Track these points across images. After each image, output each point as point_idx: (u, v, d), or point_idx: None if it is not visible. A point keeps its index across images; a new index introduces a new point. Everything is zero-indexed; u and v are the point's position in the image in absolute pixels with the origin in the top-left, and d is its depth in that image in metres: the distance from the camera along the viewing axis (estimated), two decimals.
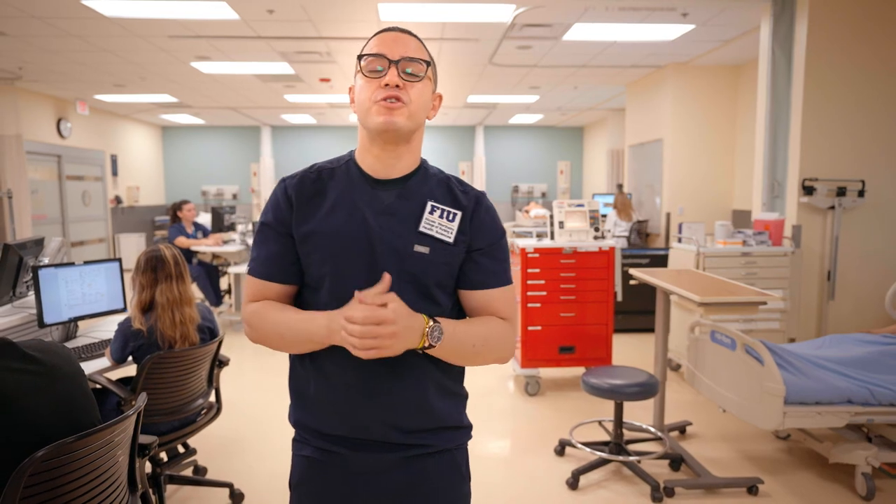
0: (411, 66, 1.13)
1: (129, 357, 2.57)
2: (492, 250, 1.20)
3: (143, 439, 1.80)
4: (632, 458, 3.04)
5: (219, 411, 2.87)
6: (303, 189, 1.19)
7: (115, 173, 10.96)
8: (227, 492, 2.87)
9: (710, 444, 3.43)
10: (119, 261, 3.12)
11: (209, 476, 3.07)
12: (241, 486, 2.90)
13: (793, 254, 4.37)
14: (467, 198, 1.20)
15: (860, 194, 4.40)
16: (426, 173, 1.22)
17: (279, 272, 1.18)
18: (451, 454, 1.22)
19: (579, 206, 4.39)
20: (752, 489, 2.85)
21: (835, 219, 4.39)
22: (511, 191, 13.22)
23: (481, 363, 1.19)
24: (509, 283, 1.22)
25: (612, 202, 7.72)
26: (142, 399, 1.71)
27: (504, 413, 3.99)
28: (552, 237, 4.34)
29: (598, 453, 3.09)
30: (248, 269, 1.21)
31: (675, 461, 3.12)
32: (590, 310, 4.29)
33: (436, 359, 1.18)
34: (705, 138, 7.02)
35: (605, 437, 3.32)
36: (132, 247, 10.69)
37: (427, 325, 1.07)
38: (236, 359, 4.92)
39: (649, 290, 3.61)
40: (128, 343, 2.52)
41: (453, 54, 6.65)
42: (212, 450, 3.37)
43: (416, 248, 1.14)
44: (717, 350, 3.13)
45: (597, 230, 4.33)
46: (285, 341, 1.15)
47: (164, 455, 2.78)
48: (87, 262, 2.94)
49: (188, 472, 3.05)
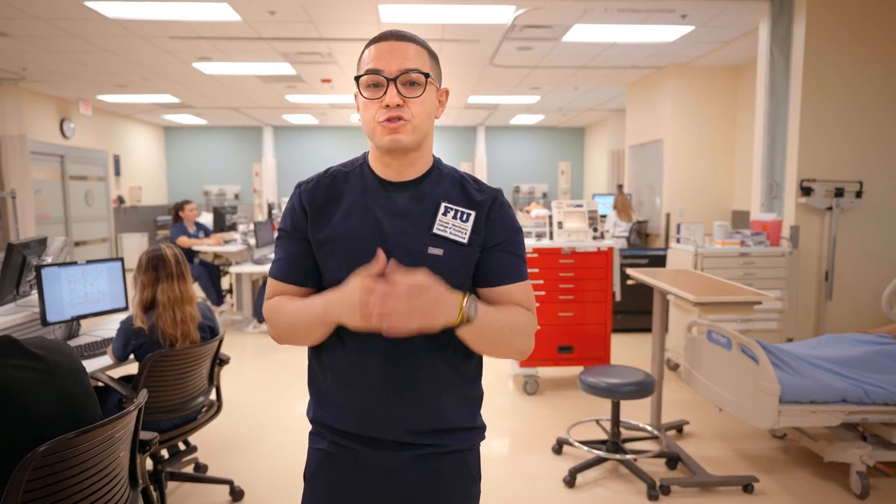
0: (411, 78, 1.11)
1: (131, 355, 2.61)
2: (508, 246, 1.20)
3: (144, 435, 1.82)
4: (628, 457, 3.07)
5: (219, 409, 2.90)
6: (317, 195, 1.20)
7: (117, 173, 11.01)
8: (227, 489, 2.89)
9: (706, 442, 3.46)
10: (121, 260, 3.15)
11: (210, 473, 3.10)
12: (242, 483, 2.93)
13: (790, 254, 4.39)
14: (482, 196, 1.20)
15: (858, 195, 4.42)
16: (440, 174, 1.22)
17: (296, 275, 1.21)
18: (463, 454, 1.23)
19: (578, 206, 4.41)
20: (748, 487, 2.88)
21: (833, 219, 4.41)
22: (512, 191, 13.24)
23: (507, 352, 1.17)
24: (526, 277, 1.22)
25: (612, 203, 7.74)
26: (142, 396, 1.74)
27: (503, 412, 4.02)
28: (551, 237, 4.37)
29: (595, 452, 3.12)
30: (270, 272, 1.24)
31: (672, 459, 3.14)
32: (588, 310, 4.31)
33: (450, 358, 1.18)
34: (705, 139, 7.04)
35: (603, 436, 3.35)
36: (134, 246, 10.74)
37: (465, 297, 1.06)
38: (237, 358, 4.96)
39: (648, 291, 3.64)
40: (129, 341, 2.55)
41: (454, 55, 6.68)
42: (212, 447, 3.40)
43: (430, 251, 1.14)
44: (713, 349, 3.15)
45: (595, 230, 4.36)
46: (296, 331, 1.18)
47: (165, 452, 2.82)
48: (89, 262, 2.97)
49: (189, 470, 3.08)
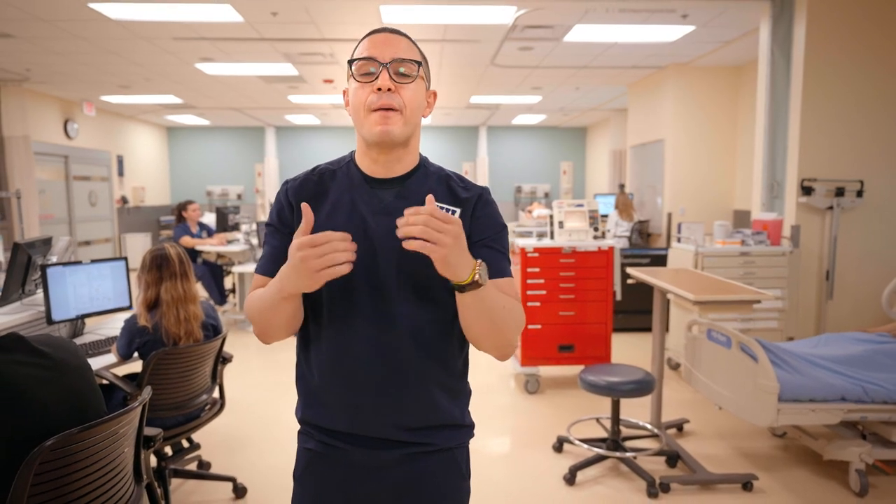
0: (403, 67, 1.13)
1: (135, 353, 2.63)
2: (492, 242, 1.20)
3: (149, 432, 1.85)
4: (628, 455, 3.09)
5: (222, 407, 2.93)
6: (304, 191, 1.21)
7: (121, 174, 11.05)
8: (230, 486, 2.92)
9: (706, 441, 3.47)
10: (125, 259, 3.18)
11: (212, 471, 3.13)
12: (244, 480, 2.96)
13: (791, 253, 4.40)
14: (468, 193, 1.21)
15: (859, 194, 4.43)
16: (426, 171, 1.23)
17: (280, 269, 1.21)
18: (452, 453, 1.24)
19: (579, 206, 4.43)
20: (747, 485, 2.89)
21: (833, 219, 4.42)
22: (514, 191, 13.26)
23: (499, 335, 1.14)
24: (511, 275, 1.21)
25: (613, 202, 7.76)
26: (147, 392, 1.77)
27: (504, 410, 4.04)
28: (552, 237, 4.39)
29: (596, 450, 3.14)
30: (256, 268, 1.24)
31: (672, 458, 3.16)
32: (589, 309, 4.33)
33: (438, 354, 1.19)
34: (706, 139, 7.05)
35: (603, 434, 3.36)
36: (138, 246, 10.78)
37: (477, 262, 1.05)
38: (239, 356, 4.98)
39: (648, 290, 3.65)
40: (134, 339, 2.58)
41: (455, 56, 6.70)
42: (215, 445, 3.43)
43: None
44: (713, 348, 3.17)
45: (596, 230, 4.37)
46: (264, 315, 1.15)
47: (168, 449, 2.85)
48: (94, 261, 3.00)
49: (192, 467, 3.11)
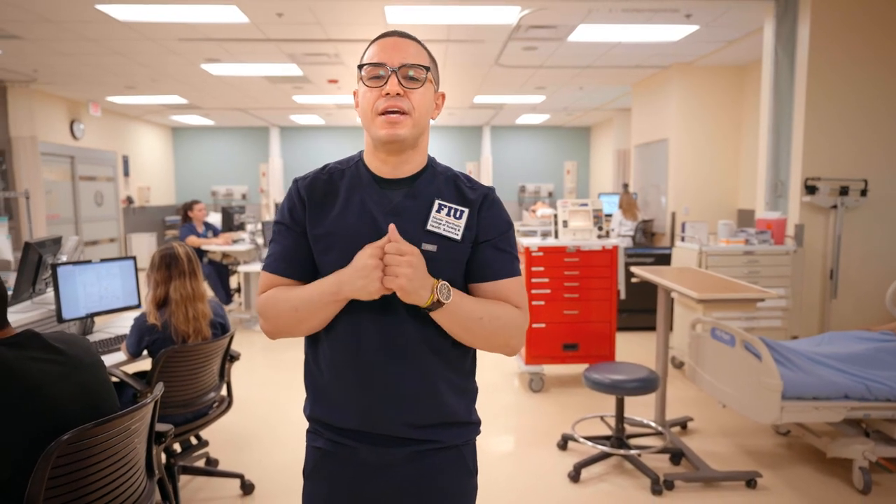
0: (411, 72, 1.15)
1: (144, 351, 2.67)
2: (498, 242, 1.21)
3: (160, 427, 1.88)
4: (632, 452, 3.11)
5: (230, 405, 2.96)
6: (314, 190, 1.23)
7: (126, 174, 11.11)
8: (238, 482, 2.95)
9: (710, 439, 3.49)
10: (133, 259, 3.21)
11: (220, 468, 3.16)
12: (252, 477, 2.99)
13: (795, 252, 4.41)
14: (475, 193, 1.22)
15: (863, 193, 4.43)
16: (434, 172, 1.24)
17: (292, 268, 1.22)
18: (459, 450, 1.25)
19: (583, 205, 4.45)
20: (751, 482, 2.91)
21: (837, 218, 4.43)
22: (518, 191, 13.28)
23: (487, 343, 1.19)
24: (518, 274, 1.23)
25: (617, 202, 7.76)
26: (159, 388, 1.80)
27: (509, 409, 4.06)
28: (556, 236, 4.41)
29: (600, 447, 3.16)
30: (263, 266, 1.25)
31: (676, 455, 3.18)
32: (593, 308, 4.35)
33: (445, 353, 1.20)
34: (710, 138, 7.06)
35: (607, 432, 3.39)
36: (143, 246, 10.84)
37: (437, 283, 1.10)
38: (246, 355, 5.02)
39: (652, 289, 3.67)
40: (143, 337, 2.61)
41: (459, 56, 6.72)
42: (222, 442, 3.46)
43: (425, 247, 1.15)
44: (717, 347, 3.19)
45: (600, 229, 4.39)
46: (299, 314, 1.16)
47: (177, 446, 2.88)
48: (103, 260, 3.03)
49: (200, 464, 3.14)
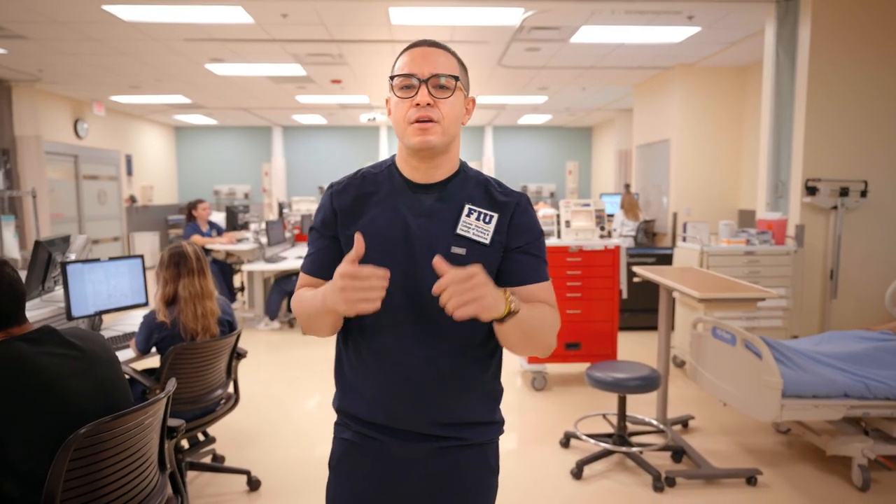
0: (441, 81, 1.17)
1: (153, 348, 2.71)
2: (529, 248, 1.23)
3: (172, 422, 1.92)
4: (634, 450, 3.14)
5: (237, 401, 3.00)
6: (347, 196, 1.26)
7: (129, 173, 11.16)
8: (244, 479, 2.99)
9: (711, 437, 3.52)
10: (141, 257, 3.25)
11: (226, 464, 3.20)
12: (258, 473, 3.02)
13: (795, 253, 4.45)
14: (506, 199, 1.24)
15: (863, 194, 4.46)
16: (465, 176, 1.26)
17: (324, 269, 1.24)
18: (483, 448, 1.29)
19: (585, 205, 4.49)
20: (751, 480, 2.95)
21: (837, 219, 4.46)
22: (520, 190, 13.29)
23: (537, 347, 1.20)
24: (548, 279, 1.26)
25: (619, 202, 7.80)
26: (171, 384, 1.84)
27: (511, 407, 4.10)
28: (559, 236, 4.44)
29: (602, 445, 3.20)
30: (301, 266, 1.30)
31: (677, 453, 3.21)
32: (595, 307, 4.38)
33: (475, 353, 1.24)
34: (712, 139, 7.09)
35: (609, 430, 3.42)
36: (146, 245, 10.88)
37: (506, 292, 1.08)
38: (250, 354, 5.02)
39: (654, 289, 3.71)
40: (152, 334, 2.65)
41: (463, 56, 6.58)
42: (228, 439, 3.50)
43: (454, 250, 1.18)
44: (718, 345, 3.22)
45: (602, 229, 4.43)
46: (310, 321, 1.21)
47: (185, 442, 2.91)
48: (111, 259, 3.07)
49: (207, 460, 3.18)
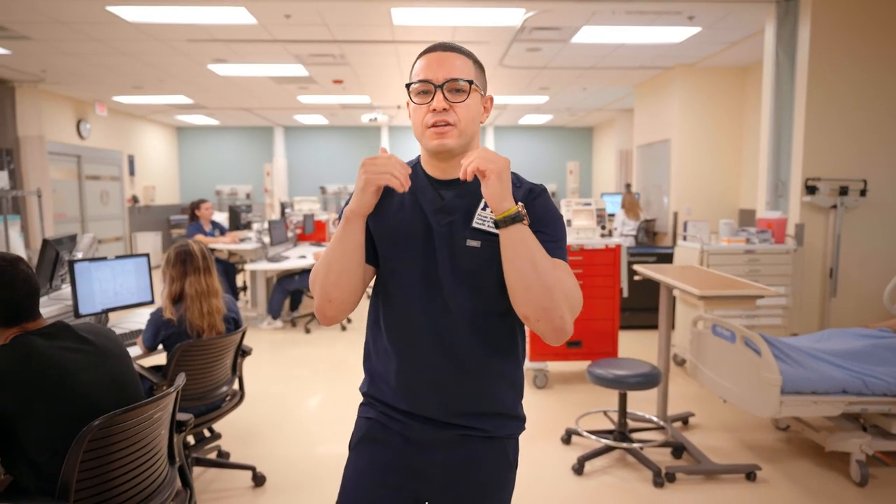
0: (457, 86, 1.20)
1: (160, 345, 2.74)
2: (544, 230, 1.24)
3: (181, 417, 1.95)
4: (635, 446, 3.18)
5: (242, 398, 3.03)
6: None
7: (132, 173, 11.20)
8: (249, 474, 3.02)
9: (711, 433, 3.56)
10: (147, 256, 3.28)
11: (231, 460, 3.23)
12: (262, 470, 3.05)
13: (795, 251, 4.48)
14: (520, 191, 1.27)
15: (862, 193, 4.50)
16: None
17: None
18: (503, 442, 1.31)
19: (586, 204, 4.52)
20: (751, 475, 2.98)
21: (837, 217, 4.50)
22: None
23: (547, 298, 1.12)
24: (564, 259, 1.24)
25: (620, 202, 7.84)
26: (181, 379, 1.87)
27: None
28: None
29: (603, 441, 3.23)
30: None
31: (677, 449, 3.24)
32: (596, 305, 4.42)
33: (496, 346, 1.26)
34: (712, 139, 7.12)
35: (610, 427, 3.45)
36: (148, 245, 10.92)
37: (519, 202, 1.14)
38: (254, 353, 5.08)
39: (655, 288, 3.74)
40: (159, 332, 2.69)
41: None
42: (233, 436, 3.53)
43: (469, 243, 1.22)
44: (717, 343, 3.25)
45: (603, 228, 4.46)
46: (328, 259, 1.21)
47: (191, 438, 2.95)
48: (118, 257, 3.10)
49: (212, 456, 3.21)
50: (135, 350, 2.81)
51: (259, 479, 2.99)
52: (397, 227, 1.26)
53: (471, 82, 1.22)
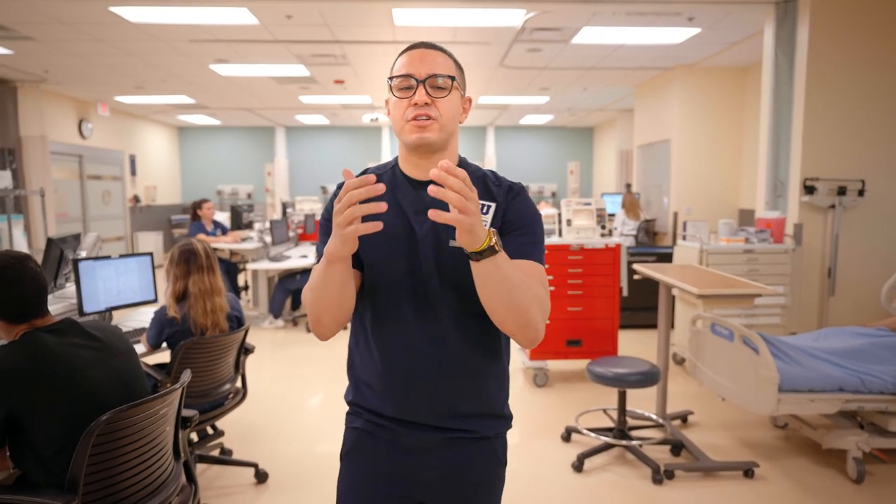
0: (438, 82, 1.20)
1: (164, 343, 2.77)
2: (522, 230, 1.24)
3: (186, 413, 1.98)
4: (634, 443, 3.20)
5: (244, 396, 3.06)
6: None
7: (133, 173, 11.23)
8: (252, 471, 3.05)
9: (710, 431, 3.58)
10: (150, 255, 3.31)
11: (234, 458, 3.26)
12: (264, 467, 3.08)
13: (794, 251, 4.51)
14: (500, 190, 1.27)
15: (860, 193, 4.52)
16: (465, 172, 1.31)
17: None
18: (491, 442, 1.31)
19: (587, 204, 4.55)
20: (749, 472, 3.01)
21: (835, 217, 4.52)
22: None
23: (520, 314, 1.14)
24: (540, 261, 1.24)
25: (620, 202, 7.86)
26: (186, 375, 1.90)
27: (513, 403, 4.09)
28: (560, 234, 4.50)
29: (603, 438, 3.26)
30: (315, 262, 1.26)
31: (676, 446, 3.27)
32: (596, 305, 4.45)
33: (482, 346, 1.25)
34: (712, 139, 7.15)
35: (610, 425, 3.48)
36: (150, 245, 10.96)
37: (490, 230, 1.08)
38: (256, 352, 5.11)
39: (654, 287, 3.77)
40: (163, 329, 2.72)
41: (465, 57, 6.80)
42: (235, 434, 3.56)
43: (452, 243, 1.20)
44: (716, 341, 3.28)
45: (603, 228, 4.49)
46: (317, 295, 1.17)
47: (194, 435, 2.98)
48: (122, 256, 3.13)
49: (215, 453, 3.24)
50: (139, 348, 2.84)
51: (261, 476, 3.02)
52: (380, 231, 1.19)
53: (453, 78, 1.22)
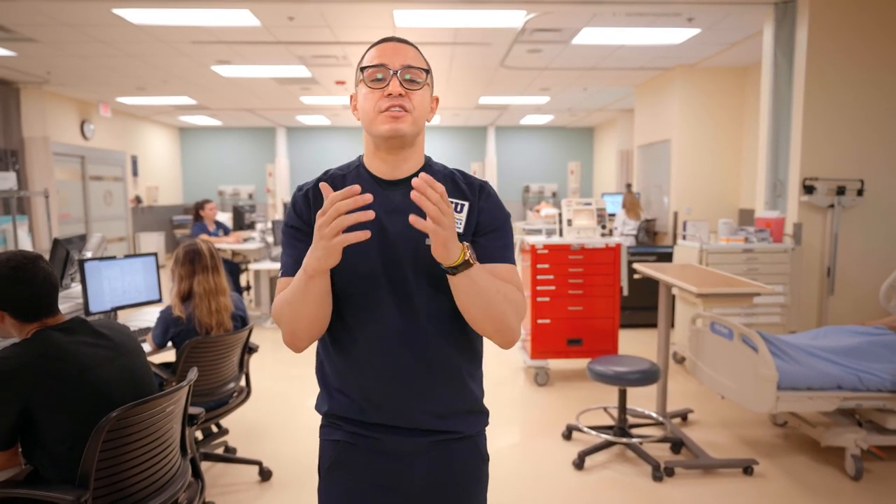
0: (412, 74, 1.19)
1: (169, 342, 2.80)
2: (494, 231, 1.25)
3: (192, 410, 2.01)
4: (634, 441, 3.23)
5: (248, 394, 3.09)
6: (319, 194, 1.24)
7: (135, 173, 11.27)
8: (256, 469, 3.08)
9: (709, 429, 3.61)
10: (155, 255, 3.34)
11: (238, 456, 3.29)
12: (269, 465, 3.11)
13: (793, 250, 4.53)
14: (471, 189, 1.27)
15: (859, 193, 4.55)
16: (432, 171, 1.28)
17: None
18: (473, 439, 1.31)
19: (587, 204, 4.58)
20: (748, 470, 3.03)
21: (834, 217, 4.55)
22: (522, 191, 13.40)
23: (496, 321, 1.17)
24: (512, 262, 1.26)
25: (621, 201, 7.89)
26: (193, 373, 1.93)
27: (515, 402, 4.19)
28: (561, 234, 4.53)
29: (603, 436, 3.29)
30: (280, 273, 1.24)
31: (676, 444, 3.30)
32: (597, 304, 4.47)
33: (459, 343, 1.25)
34: (712, 139, 7.18)
35: (610, 423, 3.51)
36: (152, 245, 10.99)
37: (465, 244, 1.10)
38: (259, 351, 5.14)
39: (655, 287, 3.80)
40: (169, 329, 2.75)
41: (466, 58, 6.85)
42: (238, 433, 3.59)
43: (428, 242, 1.15)
44: (716, 340, 3.31)
45: (604, 227, 4.52)
46: (295, 309, 1.15)
47: (199, 434, 3.01)
48: (127, 256, 3.17)
49: (220, 451, 3.27)
50: (145, 347, 2.87)
51: (266, 474, 3.05)
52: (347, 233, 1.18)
53: (427, 71, 1.22)
